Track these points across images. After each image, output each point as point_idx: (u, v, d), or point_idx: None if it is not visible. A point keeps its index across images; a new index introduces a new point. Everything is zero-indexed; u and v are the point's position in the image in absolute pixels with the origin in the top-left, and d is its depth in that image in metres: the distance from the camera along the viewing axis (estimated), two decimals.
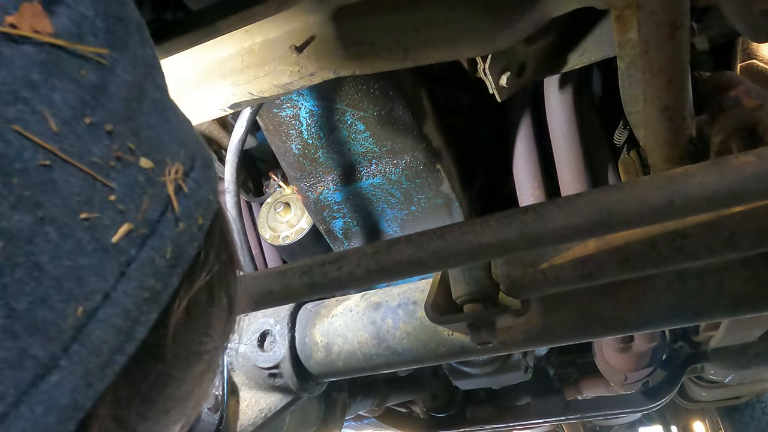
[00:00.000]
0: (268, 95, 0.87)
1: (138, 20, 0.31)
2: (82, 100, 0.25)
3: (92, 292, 0.25)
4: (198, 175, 0.32)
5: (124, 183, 0.27)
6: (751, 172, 0.53)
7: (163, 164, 0.29)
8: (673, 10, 0.68)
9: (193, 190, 0.31)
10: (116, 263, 0.26)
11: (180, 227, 0.29)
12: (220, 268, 0.34)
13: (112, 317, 0.26)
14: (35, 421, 0.23)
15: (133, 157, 0.27)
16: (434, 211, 1.21)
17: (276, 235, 1.41)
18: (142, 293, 0.27)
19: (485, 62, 0.87)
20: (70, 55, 0.25)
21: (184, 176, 0.30)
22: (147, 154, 0.28)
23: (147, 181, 0.28)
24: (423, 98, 1.14)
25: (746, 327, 1.33)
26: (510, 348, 0.96)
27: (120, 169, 0.27)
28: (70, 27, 0.25)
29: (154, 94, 0.31)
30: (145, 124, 0.29)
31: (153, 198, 0.28)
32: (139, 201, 0.27)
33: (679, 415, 3.61)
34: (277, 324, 1.09)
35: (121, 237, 0.26)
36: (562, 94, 1.14)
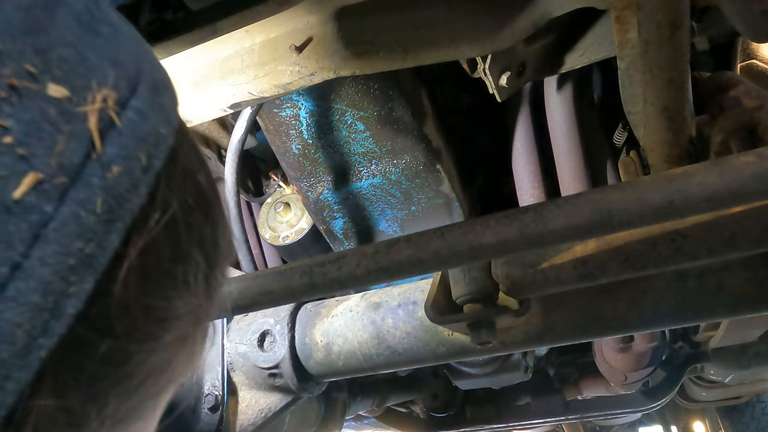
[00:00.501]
0: (268, 95, 0.87)
1: None
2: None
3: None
4: (141, 103, 0.26)
5: (25, 119, 0.21)
6: (751, 172, 0.53)
7: (85, 91, 0.24)
8: (673, 10, 0.68)
9: (132, 123, 0.25)
10: (25, 225, 0.21)
11: (114, 171, 0.24)
12: (185, 215, 0.28)
13: (26, 293, 0.21)
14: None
15: (36, 84, 0.22)
16: (434, 211, 1.21)
17: (276, 235, 1.41)
18: (65, 260, 0.22)
19: (485, 62, 0.87)
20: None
21: (118, 105, 0.24)
22: (58, 79, 0.23)
23: (60, 115, 0.22)
24: (423, 98, 1.14)
25: (746, 327, 1.33)
26: (510, 348, 0.96)
27: (16, 102, 0.21)
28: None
29: (75, 2, 0.25)
30: (56, 41, 0.23)
31: (71, 137, 0.23)
32: (50, 142, 0.22)
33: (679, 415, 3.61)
34: (277, 324, 1.09)
35: (27, 191, 0.21)
36: (562, 94, 1.14)
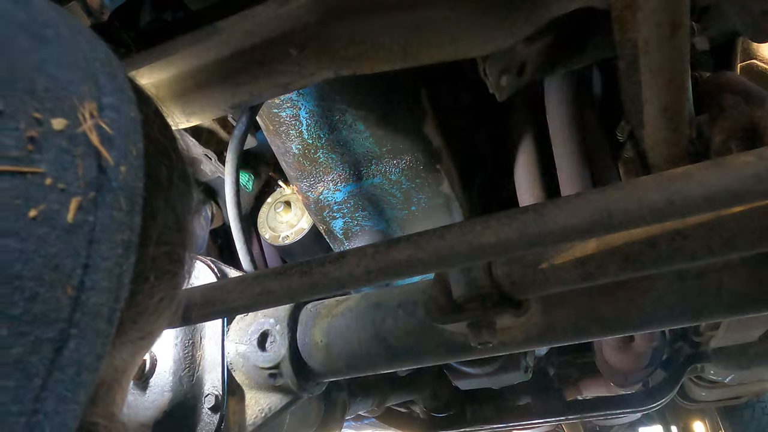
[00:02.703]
0: (268, 95, 0.87)
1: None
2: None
3: (72, 269, 0.27)
4: (112, 98, 0.30)
5: (50, 160, 0.26)
6: (751, 172, 0.53)
7: (75, 112, 0.28)
8: (673, 10, 0.68)
9: (116, 123, 0.30)
10: (81, 236, 0.27)
11: (122, 171, 0.29)
12: (167, 171, 0.34)
13: (99, 281, 0.28)
14: (72, 378, 0.27)
15: (43, 126, 0.26)
16: (434, 211, 1.21)
17: (276, 235, 1.41)
18: (115, 250, 0.29)
19: (485, 62, 0.87)
20: None
21: (99, 113, 0.29)
22: (53, 111, 0.27)
23: (70, 143, 0.27)
24: (423, 98, 1.14)
25: (746, 327, 1.33)
26: (510, 348, 0.96)
27: (40, 148, 0.26)
28: None
29: (17, 15, 0.27)
30: (33, 71, 0.27)
31: (84, 157, 0.27)
32: (73, 168, 0.27)
33: (679, 415, 3.61)
34: (277, 324, 1.09)
35: (75, 213, 0.27)
36: (562, 94, 1.14)
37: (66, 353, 0.27)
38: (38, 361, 0.26)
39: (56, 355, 0.26)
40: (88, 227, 0.27)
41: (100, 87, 0.30)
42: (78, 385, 0.28)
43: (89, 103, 0.28)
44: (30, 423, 0.26)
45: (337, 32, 0.75)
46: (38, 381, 0.26)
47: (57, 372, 0.27)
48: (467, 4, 0.75)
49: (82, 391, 0.28)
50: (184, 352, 1.12)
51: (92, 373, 0.29)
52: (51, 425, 0.27)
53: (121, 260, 0.29)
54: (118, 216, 0.29)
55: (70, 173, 0.27)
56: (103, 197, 0.28)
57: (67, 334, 0.27)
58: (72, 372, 0.27)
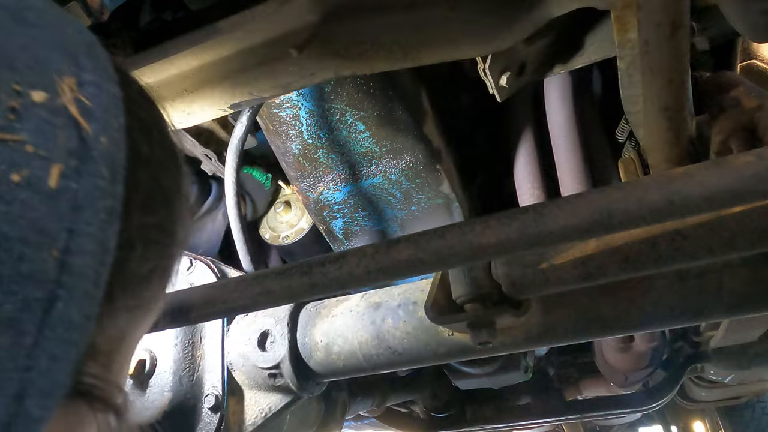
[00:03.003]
0: (268, 95, 0.87)
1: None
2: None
3: (57, 233, 0.28)
4: (92, 74, 0.32)
5: (31, 129, 0.28)
6: (751, 172, 0.53)
7: (54, 86, 0.30)
8: (673, 10, 0.68)
9: (96, 97, 0.32)
10: (65, 201, 0.29)
11: (103, 142, 0.31)
12: (151, 145, 0.36)
13: (84, 245, 0.29)
14: (62, 337, 0.29)
15: (23, 98, 0.28)
16: (434, 211, 1.21)
17: (276, 235, 1.41)
18: (99, 215, 0.30)
19: (485, 62, 0.87)
20: None
21: (79, 87, 0.31)
22: (33, 85, 0.29)
23: (50, 114, 0.29)
24: (423, 98, 1.14)
25: (746, 327, 1.33)
26: (510, 348, 0.96)
27: (20, 118, 0.28)
28: None
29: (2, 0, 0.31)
30: (14, 49, 0.29)
31: (64, 128, 0.29)
32: (54, 138, 0.29)
33: (679, 415, 3.61)
34: (277, 324, 1.09)
35: (58, 179, 0.28)
36: (562, 94, 1.14)
37: (55, 313, 0.28)
38: (28, 320, 0.27)
39: (45, 315, 0.28)
40: (71, 194, 0.29)
41: (81, 65, 0.32)
42: (68, 343, 0.29)
43: (69, 79, 0.30)
44: (24, 379, 0.27)
45: (337, 32, 0.75)
46: (30, 339, 0.27)
47: (47, 330, 0.28)
48: (467, 4, 0.75)
49: (73, 349, 0.30)
50: (184, 352, 1.12)
51: (82, 333, 0.30)
52: (44, 381, 0.28)
53: (105, 226, 0.31)
54: (100, 184, 0.30)
55: (50, 142, 0.28)
56: (85, 166, 0.30)
57: (55, 294, 0.28)
58: (61, 331, 0.29)
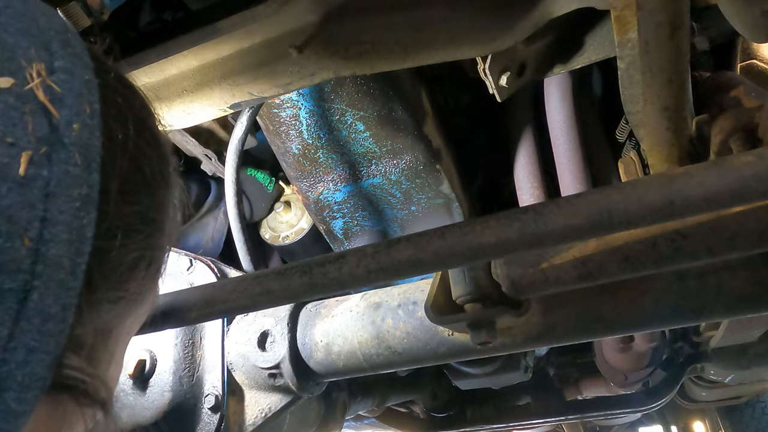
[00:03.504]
0: (268, 95, 0.87)
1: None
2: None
3: (28, 221, 0.28)
4: (64, 61, 0.31)
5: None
6: (751, 172, 0.53)
7: (22, 72, 0.29)
8: (673, 10, 0.68)
9: (67, 83, 0.31)
10: (36, 189, 0.28)
11: (75, 128, 0.30)
12: (131, 132, 0.35)
13: (58, 234, 0.29)
14: (39, 328, 0.28)
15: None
16: (434, 211, 1.21)
17: (276, 235, 1.41)
18: (73, 203, 0.30)
19: (485, 62, 0.87)
20: None
21: (49, 73, 0.30)
22: (0, 71, 0.28)
23: (17, 100, 0.28)
24: (423, 98, 1.14)
25: (746, 327, 1.33)
26: (510, 348, 0.96)
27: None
28: None
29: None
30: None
31: (34, 114, 0.28)
32: (22, 124, 0.28)
33: (679, 415, 3.61)
34: (277, 324, 1.09)
35: (27, 167, 0.28)
36: (562, 94, 1.14)
37: (30, 304, 0.28)
38: (3, 311, 0.27)
39: (21, 306, 0.28)
40: (42, 181, 0.28)
41: (52, 52, 0.31)
42: (46, 335, 0.29)
43: (38, 65, 0.30)
44: (1, 372, 0.27)
45: (337, 32, 0.75)
46: (5, 330, 0.27)
47: (23, 322, 0.28)
48: (467, 4, 0.75)
49: (51, 341, 0.29)
50: (184, 352, 1.12)
51: (60, 324, 0.30)
52: (22, 374, 0.28)
53: (80, 214, 0.30)
54: (73, 171, 0.30)
55: (19, 128, 0.28)
56: (57, 153, 0.29)
57: (30, 285, 0.28)
58: (38, 322, 0.28)
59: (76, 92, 0.31)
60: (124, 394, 1.11)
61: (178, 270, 1.18)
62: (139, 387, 1.12)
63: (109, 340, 0.38)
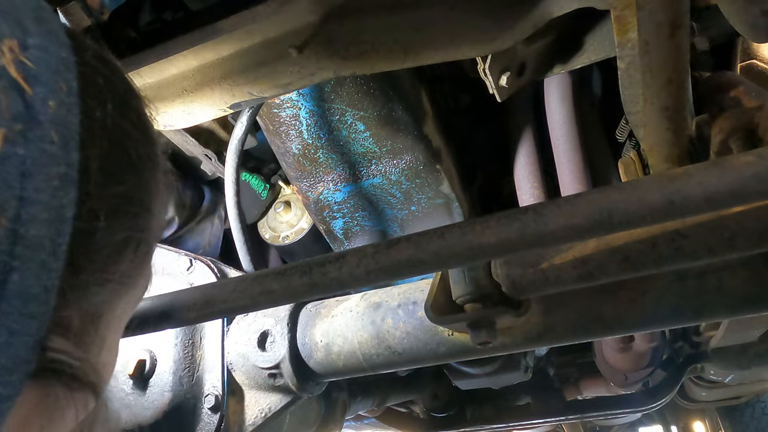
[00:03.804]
0: (268, 95, 0.87)
1: None
2: None
3: (5, 201, 0.27)
4: (39, 38, 0.31)
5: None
6: (751, 172, 0.53)
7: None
8: (673, 10, 0.68)
9: (41, 60, 0.30)
10: (12, 168, 0.27)
11: (51, 106, 0.29)
12: (112, 111, 0.34)
13: (36, 214, 0.28)
14: (20, 310, 0.28)
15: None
16: (434, 211, 1.21)
17: (276, 235, 1.41)
18: (51, 182, 0.29)
19: (485, 62, 0.87)
20: None
21: (22, 50, 0.29)
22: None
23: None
24: (423, 98, 1.14)
25: (746, 327, 1.33)
26: (510, 348, 0.96)
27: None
28: None
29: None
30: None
31: (7, 91, 0.28)
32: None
33: (679, 415, 3.61)
34: (277, 324, 1.09)
35: (1, 145, 0.27)
36: (562, 94, 1.14)
37: (10, 285, 0.27)
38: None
39: (1, 288, 0.27)
40: (17, 159, 0.27)
41: (25, 29, 0.30)
42: (27, 317, 0.28)
43: (9, 41, 0.29)
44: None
45: (337, 32, 0.75)
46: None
47: (4, 304, 0.27)
48: (468, 4, 0.75)
49: (34, 323, 0.29)
50: (184, 352, 1.12)
51: (42, 306, 0.29)
52: (5, 358, 0.27)
53: (59, 193, 0.29)
54: (50, 149, 0.29)
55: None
56: (32, 131, 0.28)
57: (9, 266, 0.27)
58: (18, 303, 0.28)
59: (52, 69, 0.30)
60: (124, 394, 1.11)
61: (178, 270, 1.18)
62: (139, 387, 1.12)
63: (99, 324, 0.37)
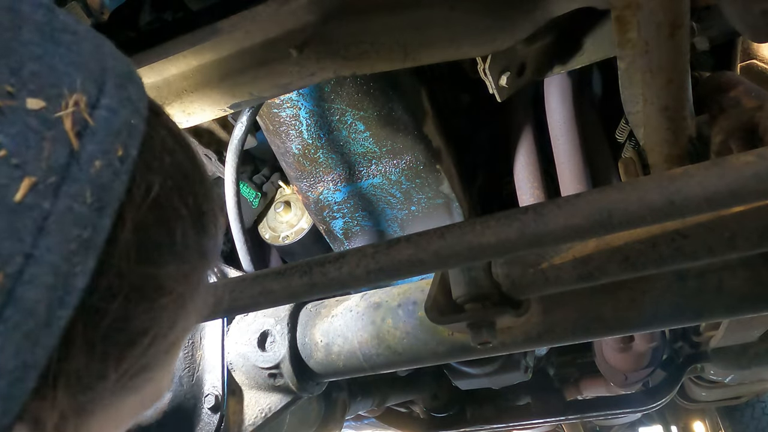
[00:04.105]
0: (268, 95, 0.87)
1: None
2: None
3: (10, 255, 0.24)
4: (111, 100, 0.29)
5: (12, 133, 0.25)
6: (751, 172, 0.53)
7: (59, 99, 0.26)
8: (673, 10, 0.68)
9: (105, 120, 0.28)
10: (29, 221, 0.25)
11: (96, 165, 0.27)
12: (166, 192, 0.32)
13: (40, 276, 0.25)
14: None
15: (16, 101, 0.25)
16: (434, 211, 1.21)
17: (276, 235, 1.41)
18: (68, 245, 0.26)
19: (485, 62, 0.87)
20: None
21: (89, 107, 0.27)
22: (34, 92, 0.26)
23: (41, 124, 0.26)
24: (423, 98, 1.14)
25: (746, 327, 1.33)
26: (510, 348, 0.96)
27: (2, 119, 0.24)
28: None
29: (35, 16, 0.27)
30: (27, 57, 0.26)
31: (54, 141, 0.26)
32: (37, 148, 0.25)
33: (679, 415, 3.61)
34: (277, 324, 1.09)
35: (25, 193, 0.24)
36: (562, 94, 1.14)
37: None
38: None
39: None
40: (39, 213, 0.25)
41: (102, 90, 0.29)
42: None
43: (79, 95, 0.27)
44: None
45: (337, 32, 0.75)
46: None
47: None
48: (468, 4, 0.75)
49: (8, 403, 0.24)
50: (184, 352, 1.12)
51: (15, 385, 0.24)
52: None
53: (74, 258, 0.26)
54: (78, 209, 0.26)
55: (31, 152, 0.25)
56: (67, 186, 0.26)
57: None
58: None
59: (113, 131, 0.28)
60: None
61: None
62: None
63: (86, 426, 0.31)
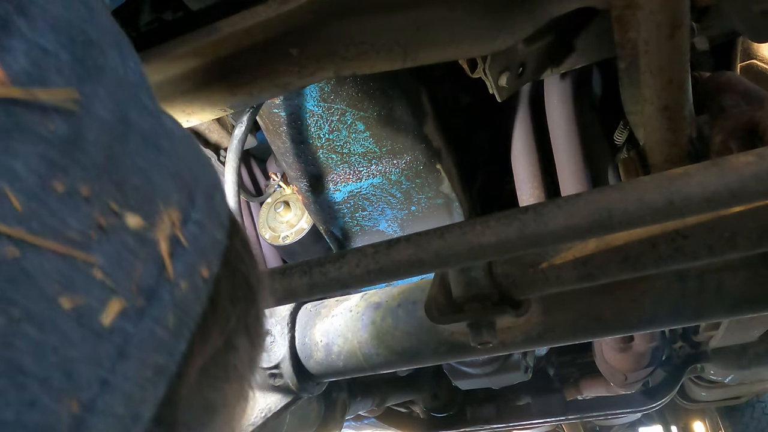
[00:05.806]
0: (268, 95, 0.87)
1: (114, 31, 0.25)
2: (50, 162, 0.21)
3: (87, 382, 0.22)
4: (201, 214, 0.27)
5: (109, 253, 0.23)
6: (751, 172, 0.53)
7: (155, 216, 0.25)
8: (673, 10, 0.68)
9: (194, 237, 0.27)
10: (112, 345, 0.23)
11: (182, 287, 0.25)
12: (236, 310, 0.30)
13: (113, 405, 0.23)
14: None
15: (118, 219, 0.23)
16: (434, 211, 1.21)
17: (276, 235, 1.41)
18: (144, 372, 0.24)
19: (485, 62, 0.87)
20: (31, 108, 0.20)
21: (181, 224, 0.26)
22: (134, 208, 0.24)
23: (137, 243, 0.24)
24: (423, 98, 1.14)
25: (746, 327, 1.33)
26: (510, 348, 0.96)
27: (102, 238, 0.23)
28: (27, 69, 0.20)
29: (142, 123, 0.26)
30: (131, 170, 0.24)
31: (146, 261, 0.24)
32: (130, 270, 0.24)
33: (679, 415, 3.61)
34: (277, 324, 1.09)
35: (114, 318, 0.23)
36: (562, 94, 1.14)
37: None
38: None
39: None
40: (122, 337, 0.23)
41: (193, 201, 0.27)
42: None
43: (174, 211, 0.26)
44: None
45: (337, 32, 0.75)
46: None
47: None
48: (467, 4, 0.75)
49: None
50: None
51: None
52: None
53: (148, 386, 0.24)
54: (160, 333, 0.24)
55: (123, 273, 0.23)
56: (152, 308, 0.24)
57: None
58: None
59: (201, 250, 0.27)
60: None
61: None
62: None
63: None
